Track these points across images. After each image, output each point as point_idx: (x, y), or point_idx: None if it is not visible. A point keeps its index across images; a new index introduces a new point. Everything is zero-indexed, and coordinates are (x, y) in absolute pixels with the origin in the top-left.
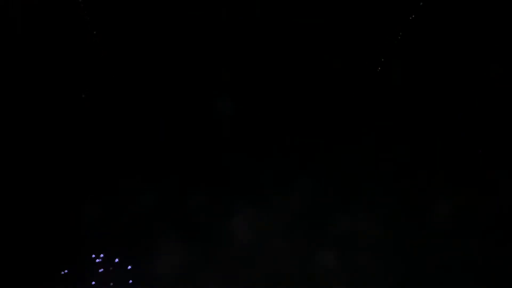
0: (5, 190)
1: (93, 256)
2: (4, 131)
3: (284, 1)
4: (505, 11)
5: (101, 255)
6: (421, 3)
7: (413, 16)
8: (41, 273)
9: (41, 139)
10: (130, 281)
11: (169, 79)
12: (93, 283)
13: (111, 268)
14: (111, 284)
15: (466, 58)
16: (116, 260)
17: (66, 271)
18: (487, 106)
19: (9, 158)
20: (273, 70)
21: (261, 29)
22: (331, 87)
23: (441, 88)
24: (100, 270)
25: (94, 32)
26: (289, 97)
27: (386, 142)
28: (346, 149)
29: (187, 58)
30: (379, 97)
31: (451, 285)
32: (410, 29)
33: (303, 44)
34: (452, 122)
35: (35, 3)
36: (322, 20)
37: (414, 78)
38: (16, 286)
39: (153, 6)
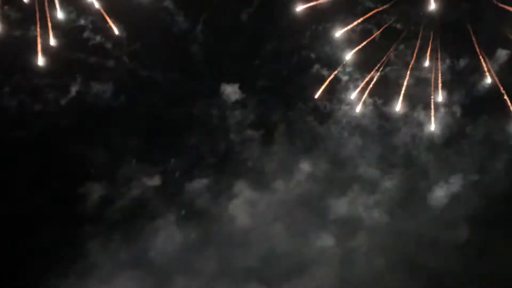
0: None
1: None
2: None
3: None
4: None
5: None
6: None
7: None
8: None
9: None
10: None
11: (172, 62)
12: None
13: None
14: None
15: None
16: None
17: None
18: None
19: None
20: (274, 60)
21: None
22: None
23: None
24: None
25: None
26: (289, 84)
27: (385, 128)
28: (345, 136)
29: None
30: (374, 85)
31: (447, 268)
32: None
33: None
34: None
35: None
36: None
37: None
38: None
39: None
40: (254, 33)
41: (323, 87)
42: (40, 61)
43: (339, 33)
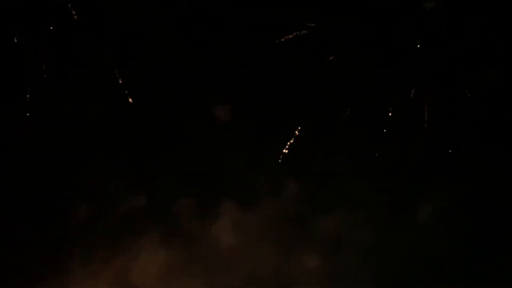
0: None
1: None
2: None
3: None
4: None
5: None
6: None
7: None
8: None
9: (32, 140)
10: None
11: (164, 80)
12: None
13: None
14: None
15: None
16: None
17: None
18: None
19: None
20: (266, 81)
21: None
22: (316, 93)
23: (424, 91)
24: None
25: None
26: (278, 103)
27: (371, 144)
28: (332, 153)
29: (184, 60)
30: (364, 101)
31: (434, 284)
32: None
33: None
34: (434, 126)
35: None
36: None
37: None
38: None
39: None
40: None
41: None
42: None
43: None
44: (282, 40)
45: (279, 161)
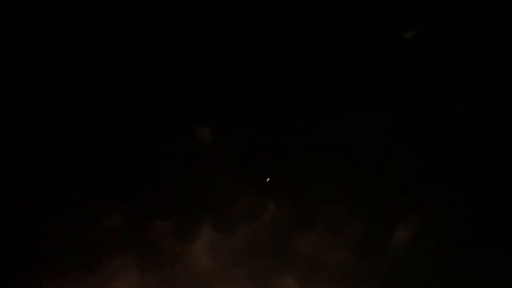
0: None
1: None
2: None
3: None
4: None
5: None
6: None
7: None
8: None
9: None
10: None
11: (143, 100)
12: None
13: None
14: None
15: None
16: None
17: None
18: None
19: None
20: (245, 99)
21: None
22: (295, 117)
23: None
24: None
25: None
26: (255, 123)
27: (348, 167)
28: (310, 177)
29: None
30: (342, 126)
31: None
32: None
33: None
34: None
35: None
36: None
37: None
38: None
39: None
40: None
41: None
42: None
43: None
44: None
45: (258, 184)
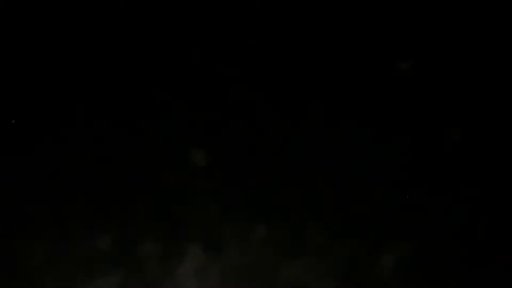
0: None
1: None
2: None
3: None
4: None
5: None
6: None
7: None
8: None
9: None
10: None
11: (133, 122)
12: None
13: None
14: None
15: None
16: None
17: None
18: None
19: None
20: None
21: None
22: (285, 143)
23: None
24: None
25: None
26: (250, 150)
27: (336, 193)
28: (297, 202)
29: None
30: (326, 154)
31: None
32: None
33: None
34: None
35: None
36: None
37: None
38: None
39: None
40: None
41: None
42: None
43: None
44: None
45: (247, 208)
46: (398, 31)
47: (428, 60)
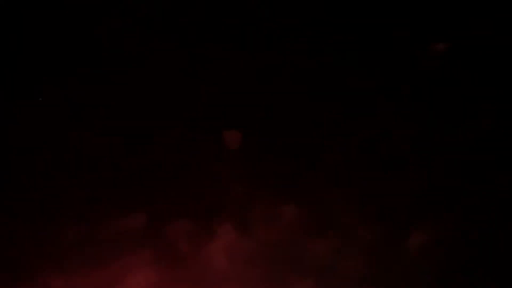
0: None
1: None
2: None
3: None
4: None
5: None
6: None
7: None
8: None
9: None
10: None
11: (166, 101)
12: None
13: None
14: None
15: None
16: None
17: None
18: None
19: None
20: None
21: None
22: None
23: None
24: None
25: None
26: (274, 127)
27: (364, 174)
28: (326, 181)
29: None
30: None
31: None
32: None
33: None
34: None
35: None
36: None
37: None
38: None
39: None
40: None
41: None
42: None
43: None
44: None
45: (277, 189)
46: (434, 12)
47: (464, 42)
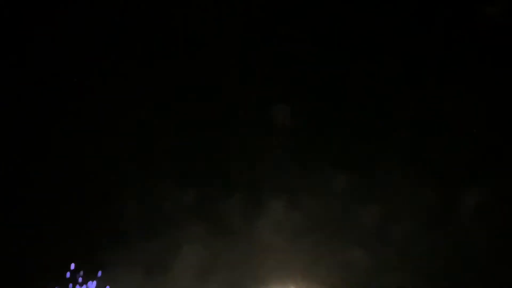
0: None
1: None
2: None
3: None
4: None
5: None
6: None
7: None
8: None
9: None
10: None
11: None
12: None
13: None
14: None
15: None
16: None
17: None
18: None
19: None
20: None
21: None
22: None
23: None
24: None
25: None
26: (329, 109)
27: (416, 138)
28: (376, 152)
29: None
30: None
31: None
32: None
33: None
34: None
35: None
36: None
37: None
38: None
39: None
40: None
41: None
42: None
43: None
44: None
45: (328, 160)
46: None
47: None
